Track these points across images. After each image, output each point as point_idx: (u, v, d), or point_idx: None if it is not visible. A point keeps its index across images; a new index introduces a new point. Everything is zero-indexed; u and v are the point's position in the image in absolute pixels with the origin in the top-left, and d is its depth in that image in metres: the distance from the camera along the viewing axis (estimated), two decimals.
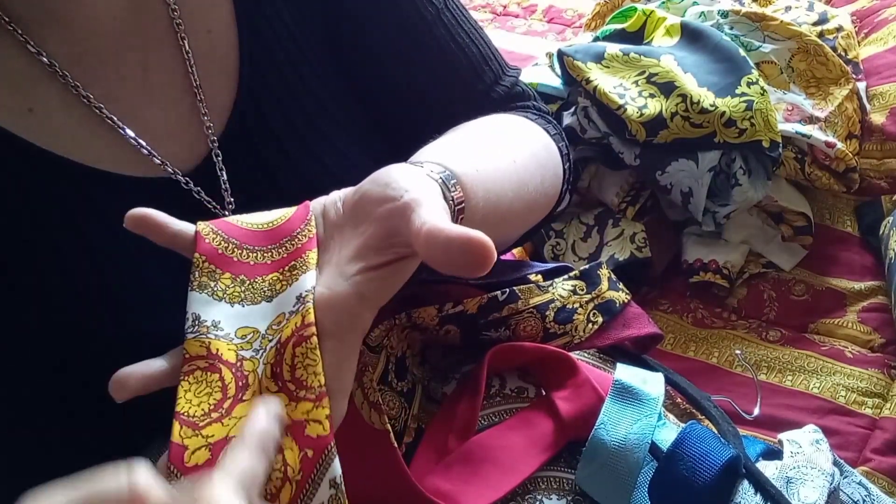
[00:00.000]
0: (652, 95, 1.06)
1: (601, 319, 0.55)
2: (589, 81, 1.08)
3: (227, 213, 0.55)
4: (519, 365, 0.53)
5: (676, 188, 1.07)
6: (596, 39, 1.23)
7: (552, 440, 0.49)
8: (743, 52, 1.10)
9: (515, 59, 1.46)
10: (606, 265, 0.59)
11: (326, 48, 0.59)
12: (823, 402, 0.94)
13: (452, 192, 0.43)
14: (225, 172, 0.55)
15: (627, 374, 0.53)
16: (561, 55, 1.12)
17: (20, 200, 0.51)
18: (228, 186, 0.55)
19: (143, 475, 0.31)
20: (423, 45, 0.61)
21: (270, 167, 0.57)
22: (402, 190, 0.39)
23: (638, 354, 0.60)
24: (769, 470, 0.53)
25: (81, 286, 0.52)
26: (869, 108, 1.19)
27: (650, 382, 0.52)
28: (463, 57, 0.62)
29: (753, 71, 1.07)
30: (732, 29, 1.19)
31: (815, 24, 1.24)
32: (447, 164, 0.45)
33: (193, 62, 0.55)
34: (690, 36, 1.15)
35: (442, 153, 0.47)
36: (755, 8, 1.26)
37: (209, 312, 0.40)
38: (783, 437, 0.59)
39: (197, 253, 0.42)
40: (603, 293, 0.56)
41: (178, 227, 0.42)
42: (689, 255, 1.11)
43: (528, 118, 0.62)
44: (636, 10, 1.23)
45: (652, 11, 1.21)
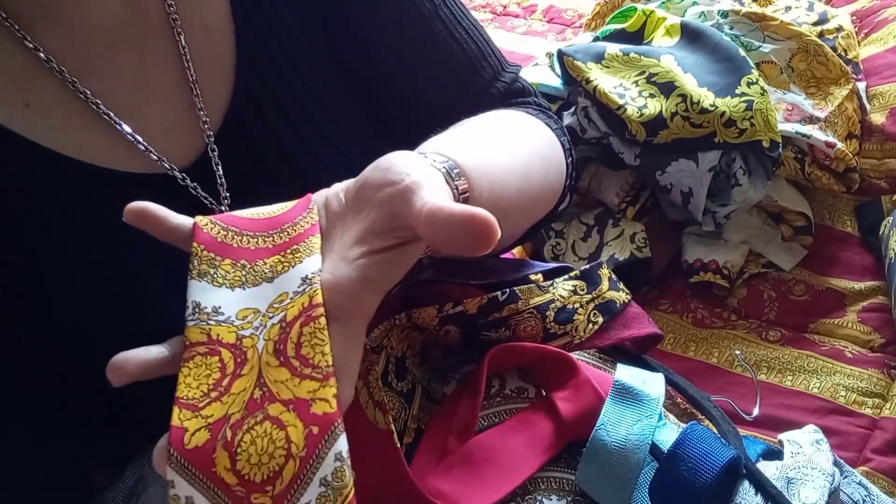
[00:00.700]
0: (652, 95, 1.06)
1: (602, 319, 0.55)
2: (589, 81, 1.08)
3: (223, 209, 0.55)
4: (519, 365, 0.53)
5: (676, 188, 1.07)
6: (596, 39, 1.23)
7: (552, 441, 0.49)
8: (743, 52, 1.10)
9: (515, 59, 1.44)
10: (607, 265, 0.59)
11: (324, 45, 0.59)
12: (823, 402, 0.94)
13: (456, 181, 0.43)
14: (221, 168, 0.55)
15: (628, 374, 0.52)
16: (561, 55, 1.12)
17: (17, 196, 0.51)
18: (225, 182, 0.55)
19: None
20: (420, 41, 0.60)
21: (267, 163, 0.57)
22: (402, 174, 0.39)
23: (638, 354, 0.60)
24: (770, 470, 0.53)
25: (78, 282, 0.52)
26: (869, 108, 1.18)
27: (650, 383, 0.52)
28: (461, 53, 0.61)
29: (753, 71, 1.07)
30: (732, 29, 1.18)
31: (815, 24, 1.24)
32: (451, 154, 0.44)
33: (190, 58, 0.55)
34: (690, 36, 1.15)
35: (445, 145, 0.46)
36: (755, 8, 1.25)
37: (209, 299, 0.40)
38: (783, 437, 0.59)
39: (195, 242, 0.41)
40: (603, 293, 0.56)
41: (177, 220, 0.42)
42: (689, 255, 1.11)
43: (529, 114, 0.62)
44: (636, 10, 1.23)
45: (652, 11, 1.21)
